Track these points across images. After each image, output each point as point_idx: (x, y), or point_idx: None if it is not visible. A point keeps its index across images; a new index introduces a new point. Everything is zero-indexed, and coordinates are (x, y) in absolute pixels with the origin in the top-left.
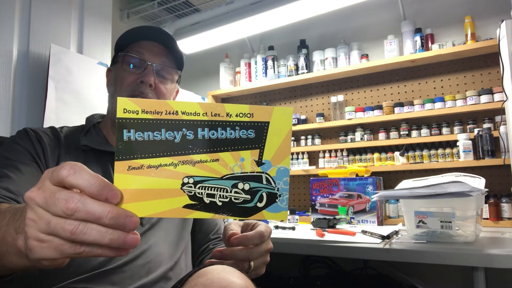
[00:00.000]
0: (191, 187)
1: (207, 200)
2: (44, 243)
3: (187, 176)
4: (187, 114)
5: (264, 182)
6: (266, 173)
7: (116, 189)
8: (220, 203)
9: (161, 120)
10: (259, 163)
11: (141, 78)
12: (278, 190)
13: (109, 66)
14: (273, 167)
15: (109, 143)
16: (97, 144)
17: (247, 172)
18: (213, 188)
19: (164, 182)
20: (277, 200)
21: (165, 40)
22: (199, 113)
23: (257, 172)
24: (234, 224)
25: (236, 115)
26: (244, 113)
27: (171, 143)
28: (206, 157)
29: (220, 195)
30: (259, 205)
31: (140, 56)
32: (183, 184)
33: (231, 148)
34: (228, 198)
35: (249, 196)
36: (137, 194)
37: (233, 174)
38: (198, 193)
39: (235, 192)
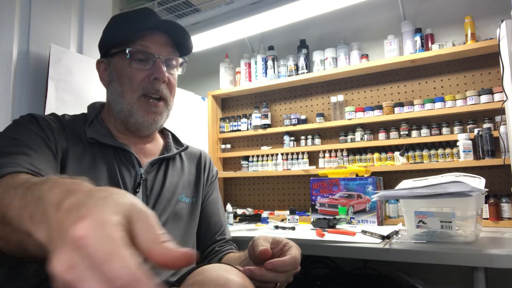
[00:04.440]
0: None
1: None
2: None
3: None
4: None
5: None
6: None
7: None
8: None
9: None
10: None
11: (154, 75)
12: None
13: (99, 58)
14: None
15: (114, 137)
16: (103, 137)
17: None
18: None
19: None
20: None
21: (166, 26)
22: None
23: None
24: (263, 240)
25: None
26: None
27: None
28: None
29: None
30: None
31: (147, 49)
32: None
33: None
34: None
35: None
36: None
37: None
38: None
39: None
